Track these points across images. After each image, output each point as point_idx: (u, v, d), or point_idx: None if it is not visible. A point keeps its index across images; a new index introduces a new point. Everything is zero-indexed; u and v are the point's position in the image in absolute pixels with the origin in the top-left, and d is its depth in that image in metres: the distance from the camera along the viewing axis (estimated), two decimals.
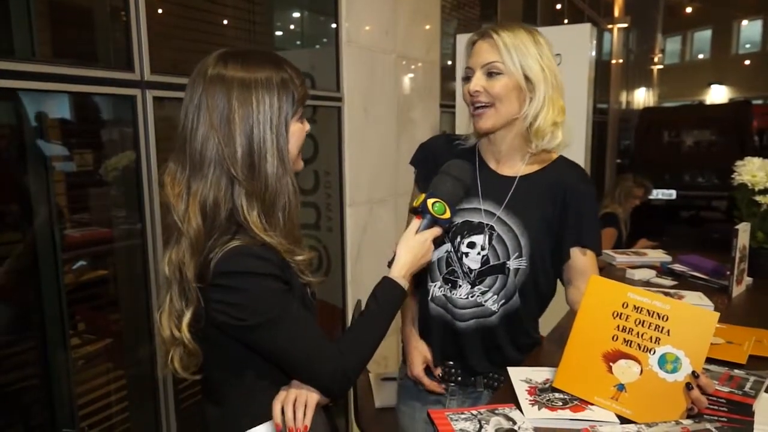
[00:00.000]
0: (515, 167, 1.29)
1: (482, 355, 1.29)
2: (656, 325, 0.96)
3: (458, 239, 1.27)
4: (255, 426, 0.95)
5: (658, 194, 7.34)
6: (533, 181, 1.27)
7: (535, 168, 1.28)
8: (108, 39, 1.78)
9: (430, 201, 1.08)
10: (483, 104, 1.21)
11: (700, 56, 15.68)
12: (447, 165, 1.16)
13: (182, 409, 1.90)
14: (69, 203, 1.80)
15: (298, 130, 0.97)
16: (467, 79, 1.25)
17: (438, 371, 1.33)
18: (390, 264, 1.07)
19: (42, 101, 1.62)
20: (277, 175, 0.93)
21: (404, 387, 1.42)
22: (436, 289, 1.31)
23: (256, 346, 0.93)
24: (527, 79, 1.20)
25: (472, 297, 1.26)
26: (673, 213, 7.79)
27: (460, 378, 1.31)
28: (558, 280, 1.33)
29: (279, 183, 0.93)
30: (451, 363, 1.32)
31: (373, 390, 1.70)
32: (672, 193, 7.48)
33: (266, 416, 0.94)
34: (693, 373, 0.92)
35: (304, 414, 0.93)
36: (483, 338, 1.27)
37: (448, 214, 1.09)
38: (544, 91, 1.21)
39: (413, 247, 1.06)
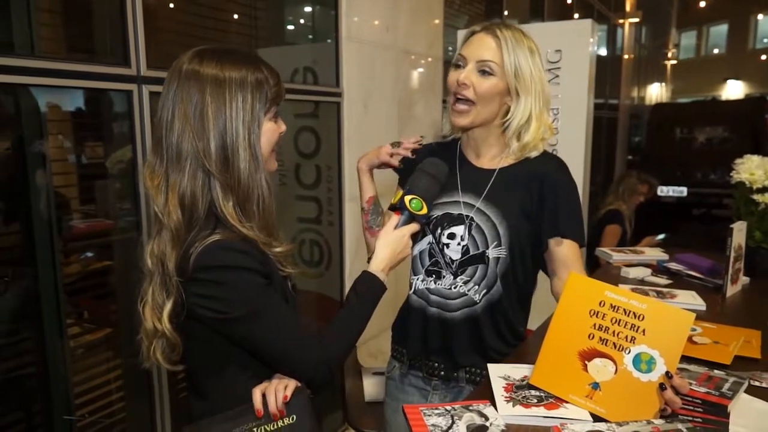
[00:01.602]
0: (494, 161, 1.30)
1: (467, 347, 1.29)
2: (632, 324, 0.96)
3: (438, 230, 1.29)
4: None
5: (669, 191, 7.26)
6: (512, 172, 1.28)
7: (514, 161, 1.29)
8: (104, 34, 1.80)
9: (407, 198, 1.10)
10: (464, 99, 1.22)
11: (716, 51, 15.40)
12: (423, 163, 1.18)
13: (178, 399, 1.94)
14: (70, 196, 1.82)
15: (270, 129, 0.98)
16: (458, 66, 1.25)
17: None
18: (369, 260, 1.09)
19: (40, 96, 1.64)
20: (249, 171, 0.94)
21: (390, 381, 1.44)
22: (419, 282, 1.32)
23: (238, 339, 0.95)
24: (516, 87, 1.21)
25: (455, 288, 1.28)
26: (684, 210, 7.68)
27: (443, 373, 1.32)
28: (541, 272, 1.33)
29: (251, 179, 0.95)
30: (434, 358, 1.33)
31: (364, 384, 1.72)
32: (683, 190, 7.38)
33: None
34: (667, 373, 0.92)
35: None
36: (470, 329, 1.28)
37: (425, 210, 1.11)
38: (531, 104, 1.22)
39: (392, 242, 1.08)
